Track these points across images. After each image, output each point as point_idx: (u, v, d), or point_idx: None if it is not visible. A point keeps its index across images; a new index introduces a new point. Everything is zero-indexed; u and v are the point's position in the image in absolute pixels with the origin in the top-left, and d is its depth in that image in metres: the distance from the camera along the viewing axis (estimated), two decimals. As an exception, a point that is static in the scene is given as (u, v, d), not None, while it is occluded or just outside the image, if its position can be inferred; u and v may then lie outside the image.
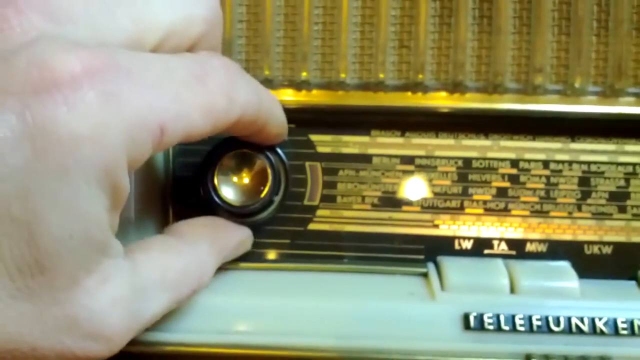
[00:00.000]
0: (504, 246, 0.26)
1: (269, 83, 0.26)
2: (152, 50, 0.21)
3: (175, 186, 0.26)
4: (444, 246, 0.26)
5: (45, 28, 0.19)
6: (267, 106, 0.23)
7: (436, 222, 0.26)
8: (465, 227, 0.26)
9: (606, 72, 0.26)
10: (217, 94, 0.21)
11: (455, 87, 0.26)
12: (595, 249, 0.26)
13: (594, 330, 0.23)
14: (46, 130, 0.17)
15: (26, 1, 0.19)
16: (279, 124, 0.24)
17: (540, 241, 0.26)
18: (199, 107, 0.20)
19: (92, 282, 0.19)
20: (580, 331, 0.23)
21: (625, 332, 0.23)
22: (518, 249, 0.26)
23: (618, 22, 0.26)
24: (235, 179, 0.24)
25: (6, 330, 0.18)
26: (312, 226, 0.26)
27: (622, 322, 0.23)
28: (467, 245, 0.26)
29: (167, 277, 0.21)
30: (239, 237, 0.25)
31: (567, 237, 0.26)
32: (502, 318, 0.23)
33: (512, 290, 0.24)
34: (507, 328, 0.23)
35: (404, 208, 0.26)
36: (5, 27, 0.19)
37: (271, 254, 0.26)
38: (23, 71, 0.18)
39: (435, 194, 0.26)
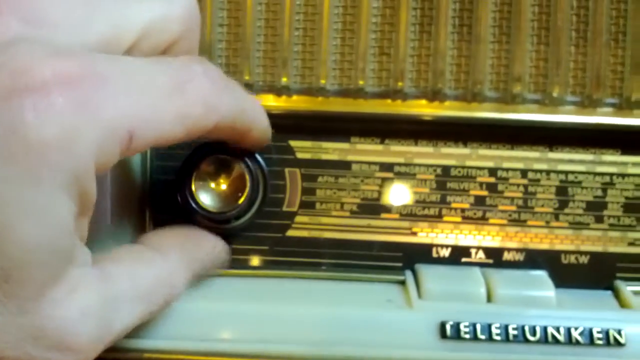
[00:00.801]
0: (481, 255, 0.26)
1: (249, 88, 0.26)
2: (129, 50, 0.20)
3: (152, 192, 0.26)
4: (422, 254, 0.26)
5: (22, 31, 0.19)
6: (250, 112, 0.23)
7: (414, 229, 0.26)
8: (443, 235, 0.26)
9: (584, 82, 0.26)
10: (194, 102, 0.21)
11: (434, 95, 0.26)
12: (572, 259, 0.26)
13: (569, 340, 0.23)
14: (15, 135, 0.17)
15: (4, 4, 0.19)
16: (262, 129, 0.24)
17: (517, 250, 0.26)
18: (173, 114, 0.20)
19: (59, 292, 0.19)
20: (556, 341, 0.23)
21: (600, 342, 0.23)
22: (495, 258, 0.26)
23: (596, 33, 0.26)
24: (213, 185, 0.24)
25: None
26: (290, 233, 0.26)
27: (598, 332, 0.23)
28: (445, 253, 0.26)
29: (137, 287, 0.21)
30: (211, 247, 0.25)
31: (545, 246, 0.26)
32: (478, 327, 0.23)
33: (489, 299, 0.24)
34: (483, 337, 0.23)
35: (383, 215, 0.26)
36: None
37: (250, 261, 0.26)
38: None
39: (414, 201, 0.26)
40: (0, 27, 0.19)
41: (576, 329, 0.23)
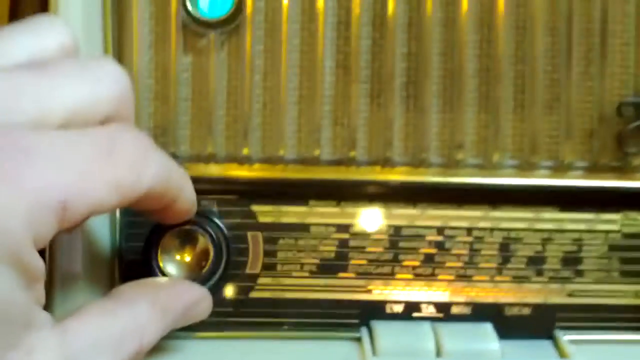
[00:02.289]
0: (431, 309, 0.28)
1: (212, 158, 0.28)
2: (59, 127, 0.21)
3: (121, 258, 0.27)
4: (377, 310, 0.28)
5: None
6: (177, 181, 0.24)
7: (369, 287, 0.28)
8: (396, 292, 0.28)
9: (522, 147, 0.28)
10: (124, 168, 0.22)
11: (385, 162, 0.28)
12: (515, 310, 0.28)
13: (510, 390, 0.25)
14: None
15: None
16: (188, 199, 0.25)
17: (464, 304, 0.28)
18: (104, 181, 0.21)
19: (16, 356, 0.20)
20: (498, 392, 0.25)
21: (539, 391, 0.25)
22: (445, 312, 0.28)
23: (533, 101, 0.28)
24: (178, 256, 0.26)
25: None
26: (253, 294, 0.28)
27: (537, 382, 0.25)
28: (398, 309, 0.28)
29: (101, 343, 0.22)
30: (189, 296, 0.26)
31: (489, 299, 0.28)
32: (427, 382, 0.25)
33: (438, 353, 0.26)
34: (432, 392, 0.25)
35: (340, 275, 0.28)
36: None
37: (215, 323, 0.27)
38: None
39: (369, 260, 0.28)
40: None
41: (517, 380, 0.25)
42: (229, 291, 0.28)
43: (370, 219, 0.28)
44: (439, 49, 0.28)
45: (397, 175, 0.28)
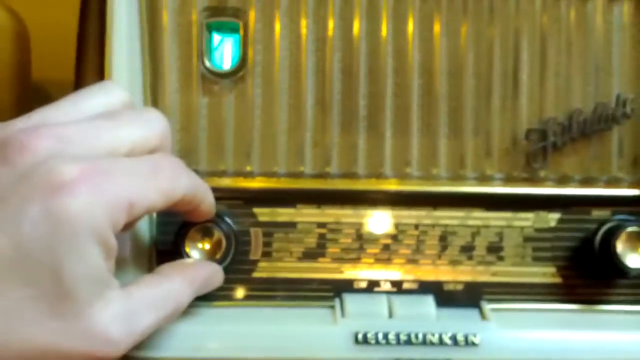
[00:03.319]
0: (388, 285, 0.37)
1: (223, 173, 0.37)
2: (124, 155, 0.31)
3: (158, 250, 0.37)
4: (347, 286, 0.37)
5: (54, 148, 0.29)
6: (201, 191, 0.34)
7: (341, 269, 0.37)
8: (361, 272, 0.37)
9: (455, 163, 0.37)
10: (166, 182, 0.31)
11: (352, 175, 0.37)
12: (451, 286, 0.37)
13: (441, 342, 0.34)
14: (60, 212, 0.27)
15: (44, 131, 0.29)
16: (208, 203, 0.34)
17: (412, 281, 0.37)
18: (154, 190, 0.30)
19: (99, 305, 0.28)
20: (432, 343, 0.34)
21: (462, 343, 0.34)
22: (398, 287, 0.37)
23: (462, 129, 0.37)
24: (200, 245, 0.36)
25: (46, 340, 0.28)
26: (255, 274, 0.37)
27: (461, 336, 0.34)
28: (363, 285, 0.37)
29: (151, 302, 0.31)
30: (208, 272, 0.35)
31: (431, 278, 0.37)
32: (380, 335, 0.34)
33: (390, 316, 0.35)
34: (383, 342, 0.34)
35: (319, 259, 0.37)
36: (31, 148, 0.28)
37: (226, 295, 0.37)
38: (43, 178, 0.27)
39: (341, 249, 0.37)
40: (42, 147, 0.28)
41: (446, 334, 0.34)
42: (237, 272, 0.37)
43: (342, 218, 0.37)
44: (391, 90, 0.37)
45: (362, 185, 0.37)
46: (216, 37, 0.37)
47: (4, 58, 0.50)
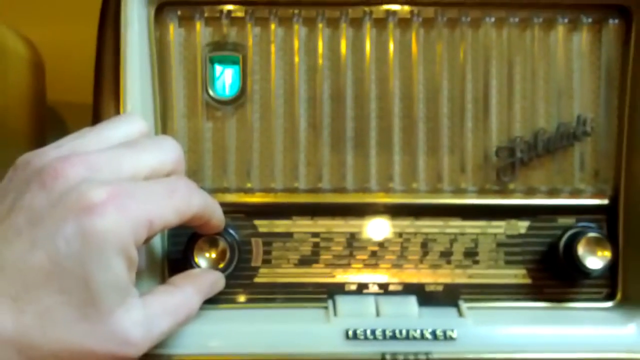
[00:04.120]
0: (375, 287, 0.42)
1: (227, 190, 0.42)
2: (144, 179, 0.35)
3: (169, 259, 0.41)
4: (339, 289, 0.41)
5: (84, 174, 0.33)
6: (211, 207, 0.38)
7: (334, 273, 0.42)
8: (351, 277, 0.42)
9: (433, 178, 0.42)
10: (181, 201, 0.35)
11: (342, 190, 0.41)
12: (432, 288, 0.42)
13: (422, 336, 0.38)
14: (90, 230, 0.31)
15: (75, 159, 0.33)
16: (218, 218, 0.39)
17: (397, 283, 0.42)
18: (170, 208, 0.35)
19: (121, 311, 0.32)
20: (414, 338, 0.38)
21: (441, 337, 0.38)
22: (384, 289, 0.42)
23: (439, 147, 0.41)
24: (207, 254, 0.40)
25: (76, 341, 0.32)
26: (256, 280, 0.42)
27: (440, 332, 0.38)
28: (353, 287, 0.42)
29: (166, 309, 0.35)
30: (212, 279, 0.39)
31: (414, 280, 0.42)
32: (368, 332, 0.38)
33: (378, 315, 0.40)
34: (371, 337, 0.38)
35: (314, 265, 0.42)
36: (64, 174, 0.32)
37: (231, 299, 0.41)
38: (75, 200, 0.32)
39: (333, 256, 0.42)
40: (74, 173, 0.32)
41: (427, 330, 0.38)
42: (240, 278, 0.41)
43: (334, 228, 0.42)
44: (375, 113, 0.42)
45: (350, 199, 0.42)
46: (218, 69, 0.42)
47: (21, 86, 0.54)
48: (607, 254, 0.40)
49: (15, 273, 0.31)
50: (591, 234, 0.40)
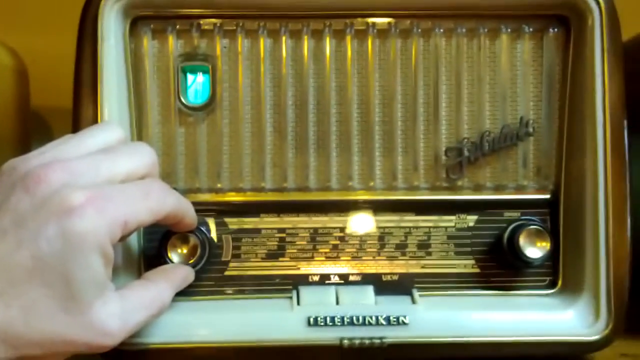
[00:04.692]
0: (336, 278, 0.45)
1: (198, 190, 0.45)
2: (121, 182, 0.38)
3: (145, 254, 0.44)
4: (303, 280, 0.45)
5: (65, 179, 0.35)
6: (184, 207, 0.41)
7: (298, 266, 0.45)
8: (314, 269, 0.45)
9: (388, 176, 0.45)
10: (155, 202, 0.38)
11: (305, 189, 0.45)
12: (388, 277, 0.45)
13: (377, 322, 0.42)
14: (71, 231, 0.34)
15: (56, 165, 0.36)
16: (191, 217, 0.42)
17: (356, 274, 0.45)
18: (145, 209, 0.37)
19: (99, 304, 0.35)
20: (370, 323, 0.42)
21: (395, 323, 0.42)
22: (344, 280, 0.45)
23: (393, 148, 0.45)
24: (179, 250, 0.43)
25: (57, 331, 0.34)
26: (227, 272, 0.45)
27: (393, 318, 0.42)
28: (316, 279, 0.45)
29: (141, 302, 0.38)
30: (183, 274, 0.43)
31: (372, 271, 0.45)
32: (328, 318, 0.42)
33: (337, 303, 0.43)
34: (331, 324, 0.42)
35: (280, 259, 0.45)
36: (47, 179, 0.35)
37: (203, 291, 0.44)
38: (57, 203, 0.34)
39: (297, 249, 0.45)
40: (55, 179, 0.35)
41: (381, 316, 0.42)
42: (211, 271, 0.45)
43: (298, 224, 0.45)
44: (335, 118, 0.45)
45: (313, 197, 0.45)
46: (190, 78, 0.45)
47: (6, 93, 0.57)
48: (546, 244, 0.44)
49: (1, 270, 0.34)
50: (531, 227, 0.44)
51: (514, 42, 0.46)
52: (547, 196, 0.46)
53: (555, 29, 0.46)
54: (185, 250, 0.43)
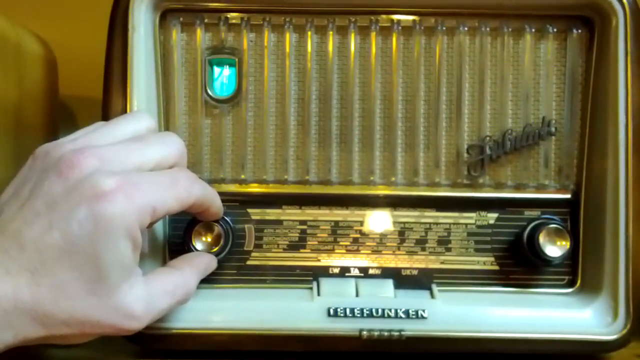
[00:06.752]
0: (356, 271, 0.46)
1: (223, 180, 0.46)
2: (150, 170, 0.39)
3: (170, 242, 0.45)
4: (323, 272, 0.46)
5: (97, 165, 0.36)
6: (211, 196, 0.42)
7: (319, 258, 0.46)
8: (335, 261, 0.46)
9: (410, 172, 0.46)
10: (182, 190, 0.39)
11: (327, 182, 0.46)
12: (408, 272, 0.46)
13: (396, 315, 0.43)
14: (101, 215, 0.35)
15: (89, 151, 0.37)
16: (217, 206, 0.43)
17: (377, 268, 0.46)
18: (172, 197, 0.38)
19: (126, 287, 0.36)
20: (389, 316, 0.43)
21: (413, 316, 0.43)
22: (364, 273, 0.46)
23: (415, 145, 0.46)
24: (203, 239, 0.44)
25: (84, 312, 0.35)
26: (249, 262, 0.46)
27: (412, 311, 0.43)
28: (336, 271, 0.46)
29: (166, 289, 0.39)
30: (207, 261, 0.43)
31: (392, 265, 0.46)
32: (348, 310, 0.43)
33: (357, 295, 0.44)
34: (350, 315, 0.43)
35: (301, 250, 0.46)
36: (79, 165, 0.36)
37: (225, 279, 0.45)
38: (88, 188, 0.36)
39: (318, 242, 0.46)
40: (87, 164, 0.36)
41: (400, 309, 0.43)
42: (234, 260, 0.46)
43: (319, 217, 0.46)
44: (358, 113, 0.46)
45: (335, 190, 0.46)
46: (216, 70, 0.46)
47: (35, 82, 0.58)
48: (566, 243, 0.44)
49: (33, 250, 0.35)
50: (552, 225, 0.44)
51: (538, 42, 0.46)
52: (568, 196, 0.46)
53: (579, 30, 0.46)
54: (209, 239, 0.44)
